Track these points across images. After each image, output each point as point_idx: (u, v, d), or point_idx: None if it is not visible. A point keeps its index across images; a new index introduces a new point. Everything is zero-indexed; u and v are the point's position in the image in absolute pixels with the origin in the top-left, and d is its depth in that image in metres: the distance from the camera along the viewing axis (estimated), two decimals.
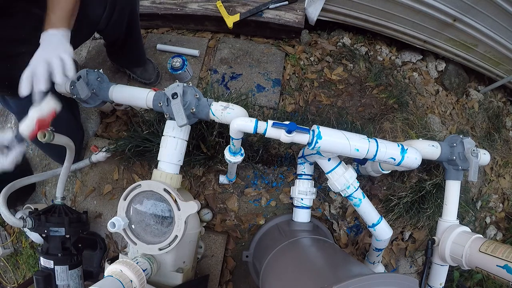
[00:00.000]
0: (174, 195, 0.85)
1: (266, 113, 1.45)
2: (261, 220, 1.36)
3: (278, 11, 1.51)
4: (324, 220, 1.40)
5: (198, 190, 1.38)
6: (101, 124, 1.48)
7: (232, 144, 0.90)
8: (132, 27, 1.17)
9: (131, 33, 1.19)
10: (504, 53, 1.60)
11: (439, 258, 1.03)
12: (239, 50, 1.57)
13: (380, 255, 1.19)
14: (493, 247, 0.86)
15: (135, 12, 1.14)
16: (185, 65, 1.36)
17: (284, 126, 0.77)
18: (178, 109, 0.82)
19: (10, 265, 1.51)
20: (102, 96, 0.97)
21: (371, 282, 0.59)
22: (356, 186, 0.96)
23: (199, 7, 1.53)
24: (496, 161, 1.69)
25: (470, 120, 1.69)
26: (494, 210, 1.63)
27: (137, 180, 1.36)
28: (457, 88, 1.73)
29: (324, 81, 1.54)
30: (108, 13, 1.01)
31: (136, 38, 1.26)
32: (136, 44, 1.30)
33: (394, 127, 1.47)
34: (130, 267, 0.75)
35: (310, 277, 0.74)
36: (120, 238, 1.38)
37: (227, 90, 1.48)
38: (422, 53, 1.74)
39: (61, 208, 1.15)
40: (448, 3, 1.36)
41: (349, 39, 1.66)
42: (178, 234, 0.85)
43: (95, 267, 1.34)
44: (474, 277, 1.50)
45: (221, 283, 1.33)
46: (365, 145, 0.83)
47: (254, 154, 1.32)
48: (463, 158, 1.00)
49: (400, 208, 1.32)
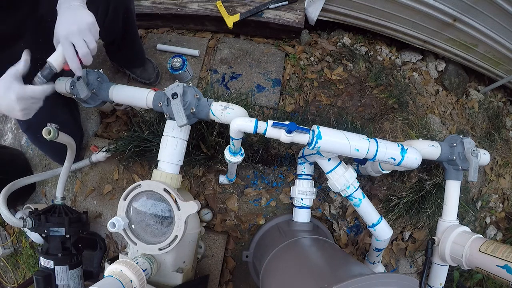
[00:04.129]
0: (174, 195, 0.85)
1: (266, 113, 1.45)
2: (261, 220, 1.36)
3: (278, 11, 1.51)
4: (324, 220, 1.40)
5: (198, 190, 1.38)
6: (101, 124, 1.48)
7: (232, 144, 0.90)
8: (128, 24, 1.17)
9: (128, 31, 1.19)
10: (504, 53, 1.60)
11: (439, 258, 1.03)
12: (239, 50, 1.57)
13: (380, 255, 1.19)
14: (493, 247, 0.86)
15: (130, 10, 1.14)
16: (185, 65, 1.36)
17: (284, 126, 0.77)
18: (178, 109, 0.82)
19: (10, 265, 1.51)
20: (102, 96, 0.97)
21: (371, 282, 0.59)
22: (356, 186, 0.96)
23: (199, 7, 1.53)
24: (496, 161, 1.69)
25: (470, 120, 1.69)
26: (494, 210, 1.63)
27: (137, 180, 1.36)
28: (457, 88, 1.73)
29: (324, 81, 1.54)
30: (102, 13, 1.01)
31: (133, 36, 1.26)
32: (134, 42, 1.30)
33: (394, 127, 1.47)
34: (130, 267, 0.75)
35: (310, 277, 0.74)
36: (120, 238, 1.38)
37: (227, 90, 1.48)
38: (422, 53, 1.74)
39: (61, 208, 1.15)
40: (448, 3, 1.36)
41: (349, 39, 1.66)
42: (178, 234, 0.85)
43: (95, 267, 1.34)
44: (474, 277, 1.50)
45: (221, 283, 1.33)
46: (365, 145, 0.83)
47: (254, 154, 1.32)
48: (463, 158, 1.00)
49: (400, 208, 1.32)
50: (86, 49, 0.77)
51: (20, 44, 0.90)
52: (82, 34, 0.76)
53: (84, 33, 0.76)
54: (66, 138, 0.97)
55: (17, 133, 1.54)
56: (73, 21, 0.75)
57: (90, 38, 0.78)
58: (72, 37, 0.75)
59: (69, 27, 0.75)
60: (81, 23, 0.76)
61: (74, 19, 0.76)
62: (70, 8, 0.77)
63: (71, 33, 0.75)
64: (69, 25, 0.75)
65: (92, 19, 0.78)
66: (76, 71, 0.80)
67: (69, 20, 0.75)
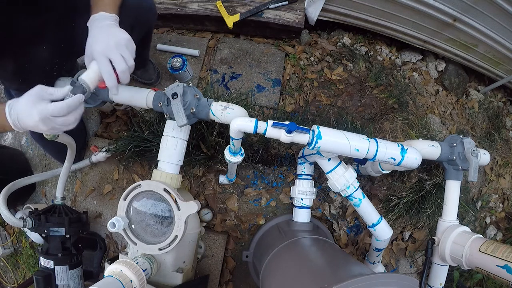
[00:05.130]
0: (174, 195, 0.85)
1: (266, 113, 1.45)
2: (261, 220, 1.36)
3: (278, 11, 1.51)
4: (324, 220, 1.40)
5: (198, 190, 1.38)
6: (101, 124, 1.48)
7: (232, 144, 0.90)
8: (145, 44, 1.17)
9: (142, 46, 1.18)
10: (504, 53, 1.60)
11: (439, 258, 1.03)
12: (239, 50, 1.57)
13: (380, 255, 1.19)
14: (493, 247, 0.86)
15: (151, 33, 1.14)
16: (185, 65, 1.36)
17: (284, 126, 0.77)
18: (178, 109, 0.82)
19: (10, 265, 1.51)
20: (102, 96, 0.97)
21: (371, 282, 0.59)
22: (356, 186, 0.96)
23: (199, 7, 1.53)
24: (496, 161, 1.69)
25: (470, 120, 1.69)
26: (494, 210, 1.63)
27: (137, 180, 1.37)
28: (457, 88, 1.73)
29: (324, 81, 1.54)
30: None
31: (146, 52, 1.27)
32: (143, 56, 1.31)
33: (394, 127, 1.47)
34: (130, 267, 0.75)
35: (310, 277, 0.74)
36: (120, 238, 1.38)
37: (227, 90, 1.48)
38: (422, 53, 1.74)
39: (61, 208, 1.15)
40: (448, 3, 1.36)
41: (349, 39, 1.66)
42: (178, 234, 0.85)
43: (95, 267, 1.34)
44: (474, 277, 1.50)
45: (221, 283, 1.33)
46: (365, 145, 0.83)
47: (254, 154, 1.32)
48: (463, 158, 1.00)
49: (400, 208, 1.32)
50: (125, 65, 0.73)
51: (42, 46, 0.89)
52: (120, 49, 0.72)
53: (122, 48, 0.73)
54: (67, 138, 0.97)
55: (17, 133, 1.54)
56: (109, 37, 0.72)
57: (128, 54, 0.74)
58: (109, 53, 0.71)
59: (106, 42, 0.71)
60: (119, 39, 0.73)
61: (111, 35, 0.73)
62: (104, 27, 0.74)
63: (108, 48, 0.71)
64: (105, 40, 0.72)
65: (128, 36, 0.75)
66: (112, 89, 0.75)
67: (105, 36, 0.72)
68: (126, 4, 0.85)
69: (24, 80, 0.94)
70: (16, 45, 0.84)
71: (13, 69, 0.89)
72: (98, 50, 0.71)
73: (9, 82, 0.98)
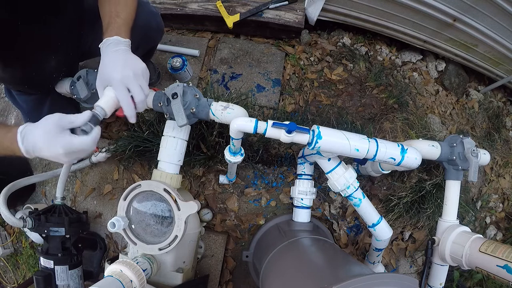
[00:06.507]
0: (174, 195, 0.85)
1: (266, 113, 1.45)
2: (261, 220, 1.36)
3: (278, 11, 1.51)
4: (324, 220, 1.40)
5: (198, 190, 1.38)
6: (101, 124, 1.48)
7: (232, 144, 0.90)
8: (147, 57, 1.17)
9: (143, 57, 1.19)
10: (504, 53, 1.60)
11: (439, 258, 1.02)
12: (239, 50, 1.57)
13: (380, 255, 1.19)
14: (493, 247, 0.86)
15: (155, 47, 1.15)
16: (185, 65, 1.36)
17: (284, 126, 0.77)
18: (178, 109, 0.82)
19: (10, 265, 1.51)
20: None
21: (371, 282, 0.59)
22: (356, 186, 0.96)
23: (199, 7, 1.53)
24: (496, 161, 1.69)
25: (470, 120, 1.69)
26: (494, 210, 1.63)
27: (137, 180, 1.37)
28: (457, 88, 1.73)
29: (324, 81, 1.54)
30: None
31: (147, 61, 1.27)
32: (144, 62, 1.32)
33: (394, 127, 1.47)
34: (130, 267, 0.75)
35: (310, 277, 0.74)
36: (120, 238, 1.38)
37: (227, 90, 1.48)
38: (422, 53, 1.74)
39: (61, 208, 1.15)
40: (448, 3, 1.36)
41: (349, 39, 1.66)
42: (178, 234, 0.85)
43: (95, 267, 1.34)
44: (474, 277, 1.50)
45: (221, 283, 1.33)
46: (365, 145, 0.83)
47: (254, 154, 1.32)
48: (463, 158, 0.99)
49: (400, 208, 1.32)
50: (143, 96, 0.73)
51: (51, 56, 0.89)
52: (137, 79, 0.72)
53: (139, 78, 0.73)
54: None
55: None
56: (126, 65, 0.72)
57: (145, 84, 0.74)
58: (128, 82, 0.71)
59: (124, 71, 0.71)
60: (136, 68, 0.72)
61: (127, 63, 0.72)
62: (118, 52, 0.73)
63: (127, 77, 0.71)
64: (123, 69, 0.71)
65: (144, 64, 0.75)
66: (131, 118, 0.75)
67: (122, 64, 0.72)
68: (135, 23, 0.84)
69: (30, 86, 0.95)
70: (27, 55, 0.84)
71: (21, 76, 0.89)
72: (117, 79, 0.70)
73: (13, 85, 0.98)
